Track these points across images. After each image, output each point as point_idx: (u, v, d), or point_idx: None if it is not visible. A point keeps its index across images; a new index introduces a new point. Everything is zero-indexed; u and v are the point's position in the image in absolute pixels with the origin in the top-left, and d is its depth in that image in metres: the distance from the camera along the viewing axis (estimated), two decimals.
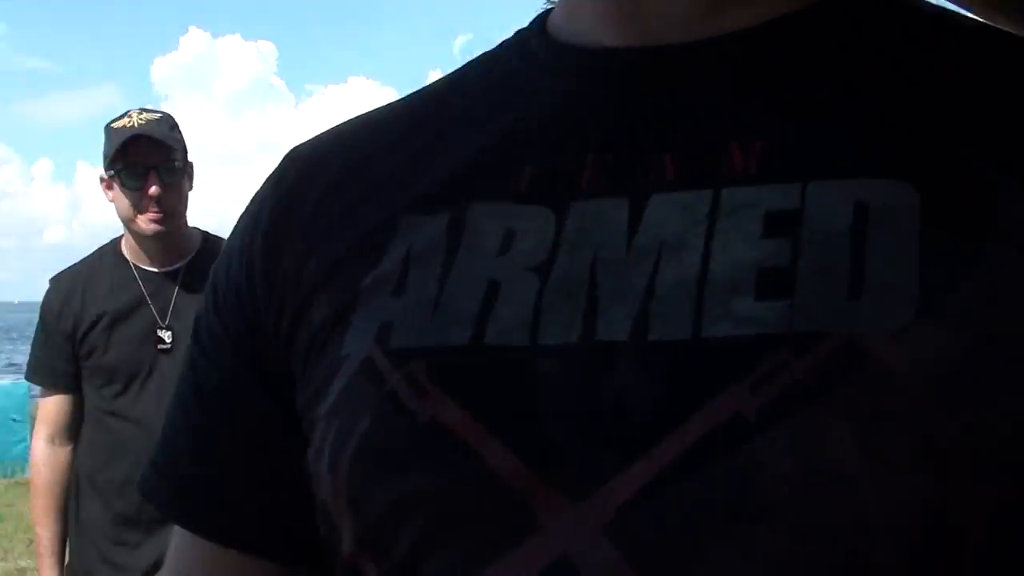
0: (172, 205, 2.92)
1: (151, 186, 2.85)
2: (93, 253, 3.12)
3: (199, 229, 3.14)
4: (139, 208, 2.88)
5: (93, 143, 2.97)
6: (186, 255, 3.02)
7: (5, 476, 12.66)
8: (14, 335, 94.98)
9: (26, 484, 11.89)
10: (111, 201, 2.98)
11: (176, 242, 3.01)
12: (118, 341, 2.91)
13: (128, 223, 2.94)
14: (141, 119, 2.89)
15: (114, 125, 2.91)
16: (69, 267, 3.11)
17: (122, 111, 2.98)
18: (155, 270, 2.99)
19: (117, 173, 2.89)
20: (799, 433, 0.51)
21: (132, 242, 3.01)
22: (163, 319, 2.92)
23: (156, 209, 2.87)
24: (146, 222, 2.89)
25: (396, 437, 0.60)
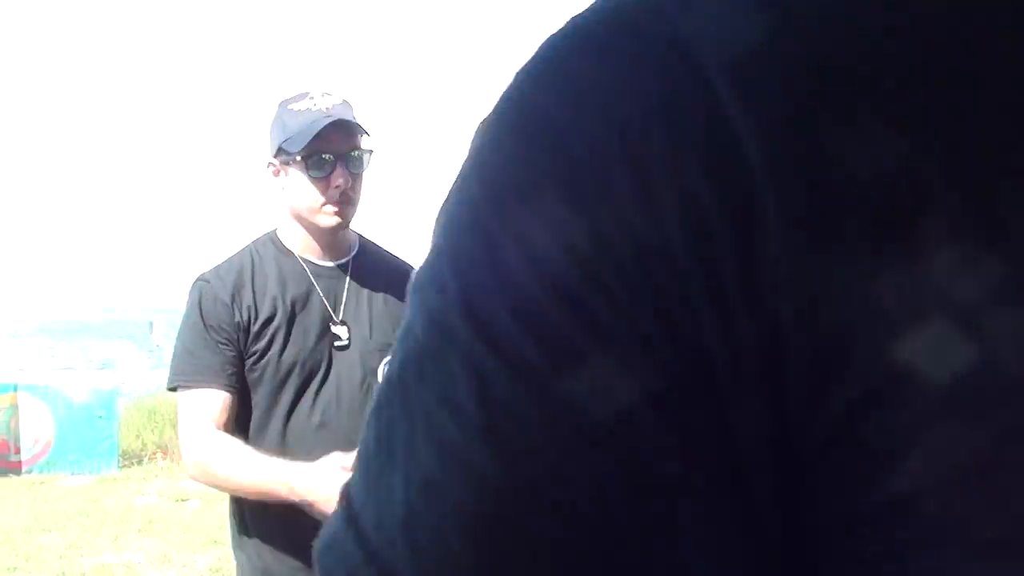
0: (356, 197, 2.75)
1: (339, 176, 2.67)
2: (244, 249, 2.86)
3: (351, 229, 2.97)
4: (324, 199, 2.69)
5: None
6: (351, 250, 2.86)
7: (91, 472, 12.83)
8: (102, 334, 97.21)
9: (112, 480, 12.13)
10: (281, 188, 2.77)
11: (346, 235, 2.85)
12: (296, 337, 2.70)
13: (307, 214, 2.73)
14: (327, 103, 2.70)
15: (296, 107, 2.72)
16: (221, 264, 2.82)
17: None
18: (326, 264, 2.81)
19: (304, 160, 2.68)
20: None
21: (299, 233, 2.80)
22: (336, 314, 2.75)
23: (341, 200, 2.70)
24: (329, 214, 2.70)
25: None
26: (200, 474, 2.69)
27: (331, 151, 2.67)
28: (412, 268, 2.85)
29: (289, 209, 2.78)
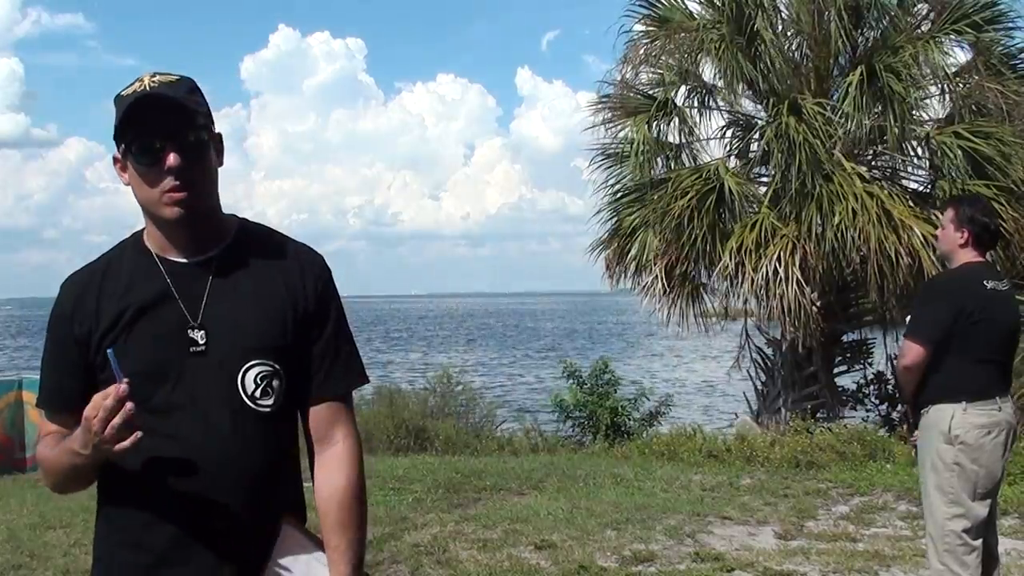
0: (195, 180, 2.41)
1: (171, 159, 2.36)
2: (114, 247, 2.62)
3: (237, 216, 2.66)
4: (157, 187, 2.39)
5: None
6: (222, 242, 2.54)
7: None
8: None
9: None
10: (127, 184, 2.48)
11: (206, 228, 2.52)
12: (140, 344, 2.43)
13: (149, 207, 2.45)
14: (154, 81, 2.40)
15: (123, 92, 2.41)
16: (85, 264, 2.61)
17: (213, 108, 2.54)
18: (183, 260, 2.50)
19: (127, 147, 2.40)
20: None
21: (155, 231, 2.51)
22: (194, 317, 2.45)
23: (177, 186, 2.38)
24: (169, 203, 2.40)
25: None
26: (46, 479, 2.59)
27: (157, 134, 2.37)
28: (308, 252, 2.67)
29: (140, 206, 2.50)
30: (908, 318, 5.86)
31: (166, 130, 2.37)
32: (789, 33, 15.27)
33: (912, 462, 6.81)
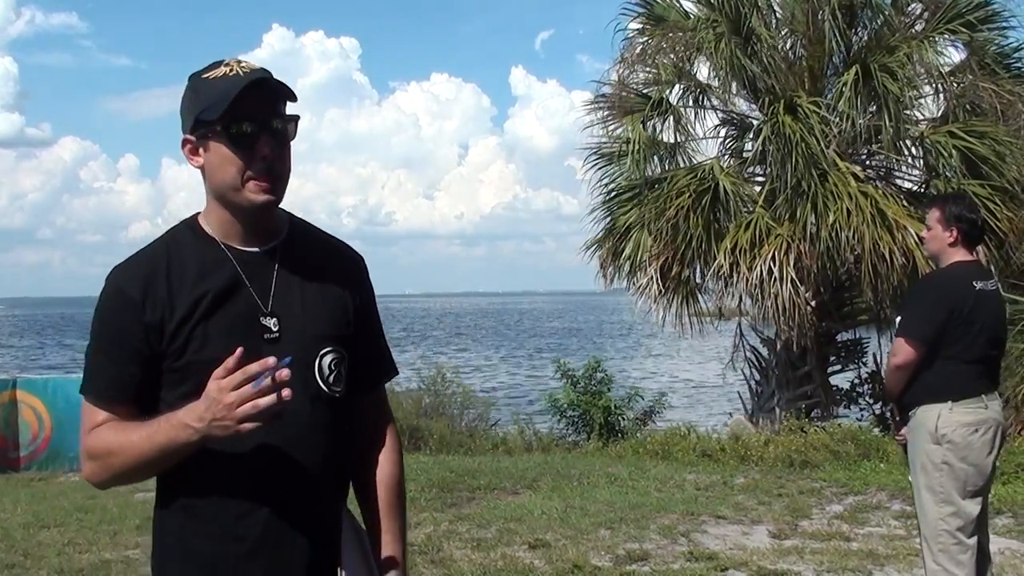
0: (282, 170, 2.46)
1: (265, 145, 2.40)
2: (160, 237, 2.57)
3: (283, 210, 2.63)
4: (247, 171, 2.41)
5: (177, 139, 2.57)
6: (280, 234, 2.57)
7: None
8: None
9: None
10: (199, 167, 2.48)
11: (273, 217, 2.56)
12: (217, 332, 2.42)
13: (230, 192, 2.44)
14: (244, 68, 2.42)
15: (210, 75, 2.43)
16: (132, 256, 2.55)
17: None
18: (251, 249, 2.51)
19: (224, 128, 2.40)
20: None
21: (222, 217, 2.51)
22: (265, 305, 2.47)
23: (267, 173, 2.42)
24: (256, 190, 2.42)
25: None
26: (98, 471, 2.45)
27: (254, 119, 2.40)
28: (347, 248, 2.74)
29: (211, 189, 2.50)
30: (899, 318, 5.87)
31: (264, 116, 2.41)
32: (783, 32, 15.30)
33: (902, 461, 6.81)
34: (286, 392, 2.19)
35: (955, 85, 14.18)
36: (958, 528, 5.46)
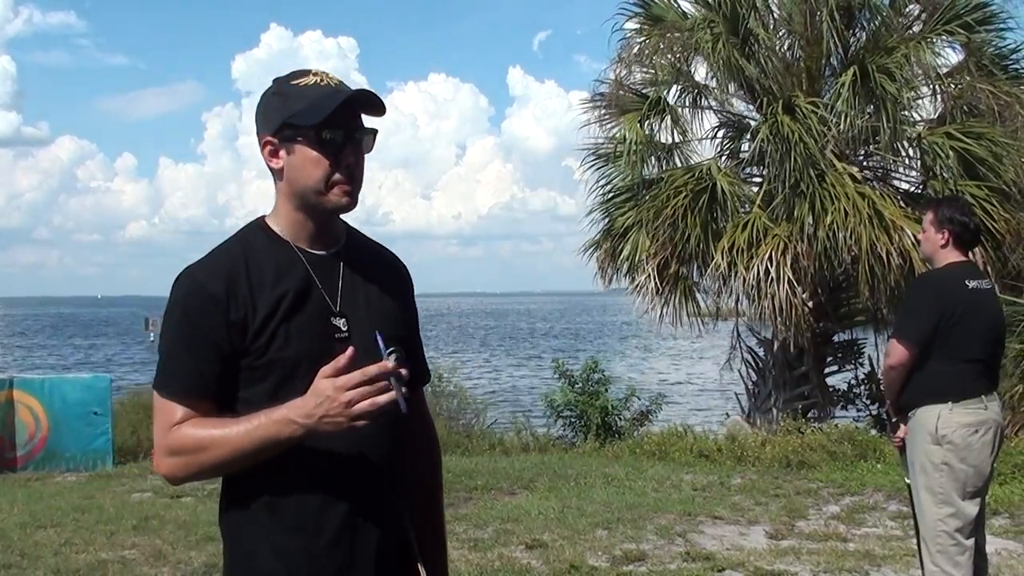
0: (359, 177, 2.60)
1: (351, 154, 2.55)
2: (232, 238, 2.66)
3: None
4: (333, 179, 2.53)
5: (174, 139, 2.69)
6: (342, 238, 2.69)
7: (87, 469, 12.89)
8: (96, 331, 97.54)
9: (107, 477, 12.16)
10: (278, 168, 2.59)
11: (339, 224, 2.70)
12: (300, 331, 2.52)
13: (312, 194, 2.56)
14: (333, 79, 2.58)
15: (300, 82, 2.56)
16: (208, 255, 2.62)
17: (204, 107, 2.60)
18: (319, 252, 2.62)
19: (316, 136, 2.51)
20: None
21: (294, 219, 2.61)
22: (335, 305, 2.58)
23: (348, 180, 2.55)
24: (340, 194, 2.54)
25: None
26: (182, 466, 2.49)
27: (343, 128, 2.53)
28: (396, 257, 2.89)
29: (290, 191, 2.60)
30: (895, 320, 5.90)
31: (351, 127, 2.55)
32: (781, 33, 15.30)
33: (899, 462, 6.83)
34: (404, 390, 2.36)
35: (952, 86, 14.19)
36: (957, 529, 5.46)
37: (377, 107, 2.58)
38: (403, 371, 2.36)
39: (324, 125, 2.49)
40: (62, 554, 8.17)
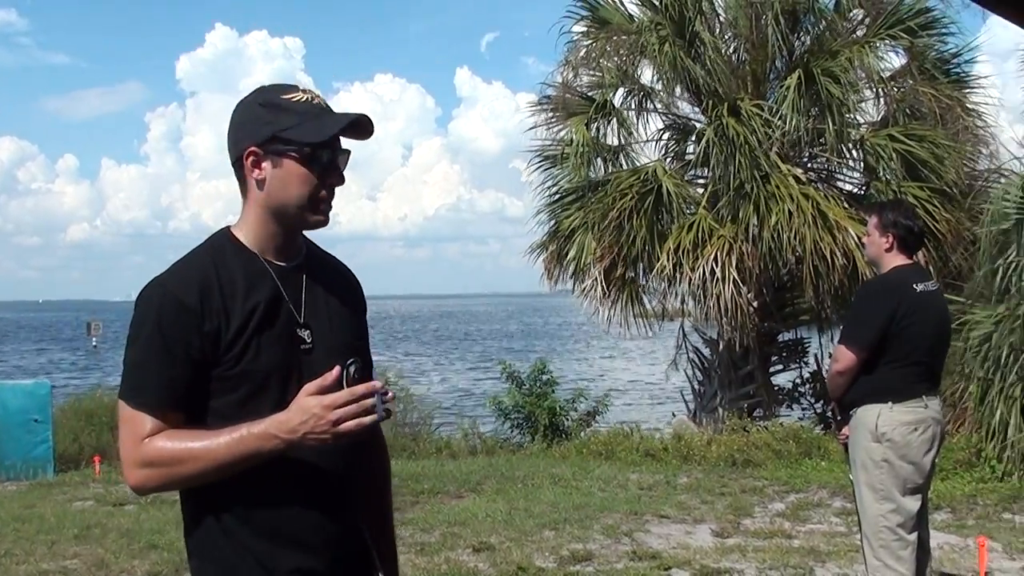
0: (334, 197, 2.67)
1: (337, 177, 2.62)
2: (201, 248, 2.65)
3: None
4: (319, 197, 2.59)
5: (117, 140, 2.67)
6: (302, 250, 2.72)
7: (28, 478, 12.70)
8: (37, 336, 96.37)
9: (47, 485, 12.00)
10: (258, 179, 2.58)
11: (300, 237, 2.74)
12: (268, 342, 2.54)
13: (292, 209, 2.58)
14: (321, 100, 2.63)
15: (290, 97, 2.58)
16: (177, 265, 2.61)
17: (148, 108, 2.60)
18: (283, 264, 2.65)
19: (312, 155, 2.55)
20: None
21: (263, 231, 2.63)
22: (300, 316, 2.61)
23: (330, 199, 2.62)
24: (321, 213, 2.62)
25: None
26: (157, 478, 2.48)
27: (332, 147, 2.59)
28: (348, 269, 2.91)
29: (267, 202, 2.60)
30: (843, 326, 5.95)
31: (338, 147, 2.61)
32: (727, 36, 15.41)
33: (843, 459, 6.90)
34: (387, 408, 2.45)
35: (895, 90, 14.37)
36: (898, 524, 5.51)
37: (369, 132, 2.66)
38: (390, 394, 2.45)
39: (320, 145, 2.54)
40: (2, 565, 8.05)
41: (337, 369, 2.43)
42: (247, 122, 2.60)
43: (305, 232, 2.73)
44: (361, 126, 2.62)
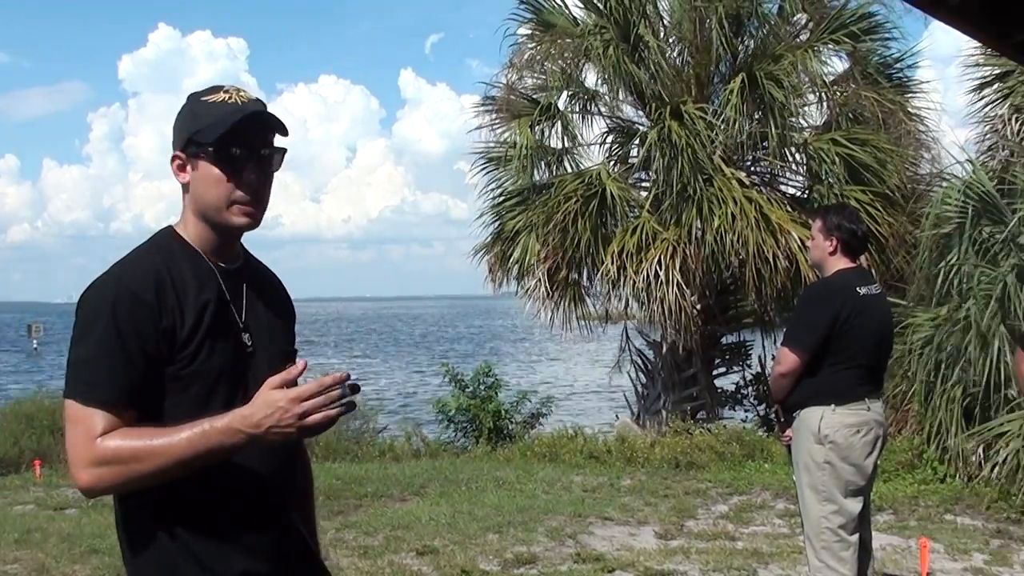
0: (264, 196, 2.60)
1: (252, 173, 2.54)
2: (148, 244, 2.61)
3: None
4: (233, 195, 2.52)
5: (59, 140, 2.62)
6: (240, 254, 2.70)
7: None
8: None
9: None
10: (184, 183, 2.58)
11: (240, 239, 2.69)
12: (218, 344, 2.52)
13: (212, 211, 2.55)
14: (243, 96, 2.56)
15: (209, 99, 2.55)
16: (128, 260, 2.55)
17: (91, 108, 2.56)
18: (224, 266, 2.62)
19: (216, 151, 2.51)
20: None
21: (201, 233, 2.60)
22: (241, 319, 2.60)
23: (251, 199, 2.55)
24: (239, 213, 2.54)
25: None
26: (112, 477, 2.38)
27: (246, 146, 2.52)
28: (279, 279, 2.92)
29: (195, 206, 2.58)
30: (786, 328, 5.97)
31: (252, 145, 2.54)
32: (671, 40, 15.45)
33: (787, 461, 6.92)
34: (355, 400, 2.40)
35: (838, 94, 14.48)
36: (840, 526, 5.54)
37: (277, 129, 2.59)
38: (358, 383, 2.39)
39: (225, 143, 2.49)
40: None
41: (303, 363, 2.42)
42: (176, 128, 2.60)
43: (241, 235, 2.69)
44: (265, 121, 2.57)
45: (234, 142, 2.50)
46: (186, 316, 2.47)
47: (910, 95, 14.79)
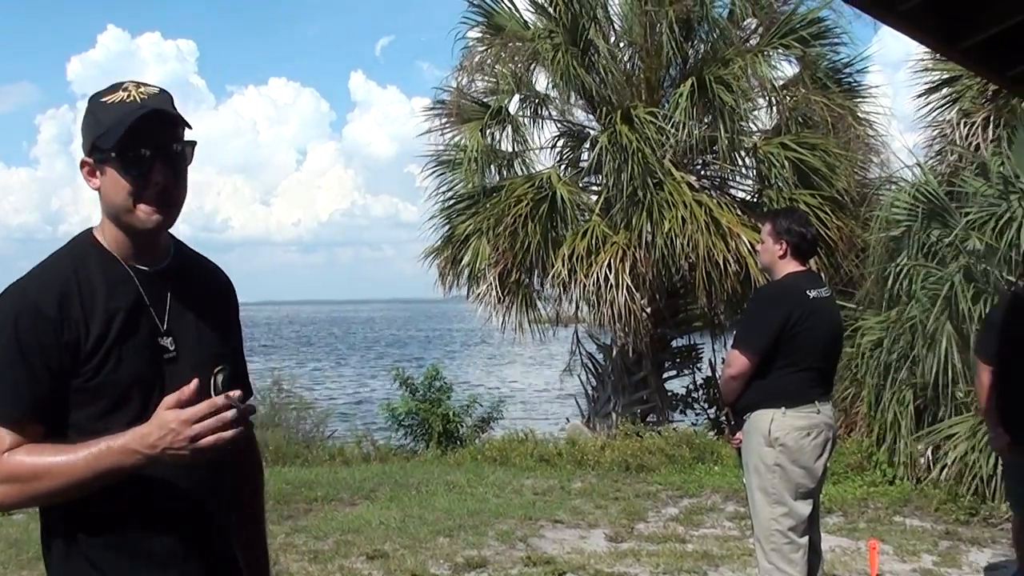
0: (175, 195, 2.50)
1: (159, 173, 2.43)
2: (62, 251, 2.56)
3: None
4: (140, 197, 2.43)
5: (5, 142, 2.57)
6: (168, 254, 2.62)
7: None
8: None
9: None
10: (96, 188, 2.49)
11: (164, 239, 2.61)
12: (129, 352, 2.44)
13: (122, 214, 2.46)
14: (142, 93, 2.45)
15: (108, 99, 2.45)
16: (37, 271, 2.51)
17: (39, 109, 2.49)
18: (146, 269, 2.54)
19: (118, 156, 2.41)
20: None
21: (118, 236, 2.52)
22: (162, 324, 2.51)
23: (160, 199, 2.45)
24: (147, 213, 2.45)
25: None
26: (15, 494, 2.37)
27: (149, 145, 2.42)
28: (222, 272, 2.84)
29: (107, 211, 2.52)
30: (736, 331, 5.99)
31: (157, 143, 2.44)
32: (621, 44, 15.49)
33: (737, 464, 6.95)
34: (250, 420, 2.35)
35: (788, 98, 14.57)
36: (790, 528, 5.56)
37: (176, 124, 2.49)
38: (250, 404, 2.35)
39: (126, 146, 2.40)
40: None
41: (195, 382, 2.29)
42: (83, 132, 2.52)
43: (176, 230, 2.64)
44: (164, 116, 2.46)
45: (136, 143, 2.40)
46: (91, 327, 2.41)
47: (859, 100, 14.92)
